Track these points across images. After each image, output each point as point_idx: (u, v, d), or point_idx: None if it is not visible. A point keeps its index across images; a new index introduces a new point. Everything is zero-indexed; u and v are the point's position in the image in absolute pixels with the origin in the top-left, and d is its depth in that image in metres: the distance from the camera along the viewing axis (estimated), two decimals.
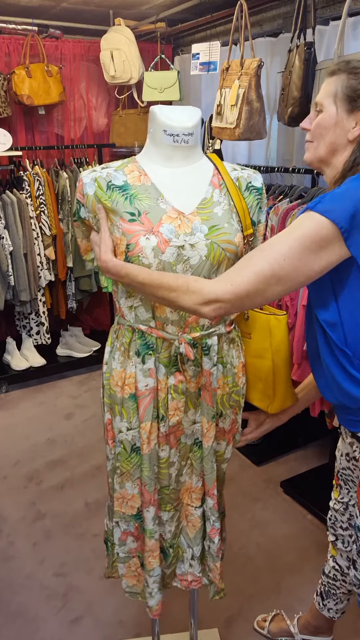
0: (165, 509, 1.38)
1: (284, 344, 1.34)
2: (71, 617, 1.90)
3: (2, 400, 3.39)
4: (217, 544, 1.41)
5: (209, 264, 1.20)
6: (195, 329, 1.24)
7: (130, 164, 1.27)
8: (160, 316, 1.23)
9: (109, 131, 3.72)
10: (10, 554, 2.16)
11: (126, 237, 1.18)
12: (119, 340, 1.31)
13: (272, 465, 2.71)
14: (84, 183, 1.24)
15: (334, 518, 1.52)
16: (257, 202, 1.31)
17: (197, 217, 1.20)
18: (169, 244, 1.17)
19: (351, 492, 1.43)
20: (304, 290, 2.22)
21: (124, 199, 1.21)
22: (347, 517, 1.48)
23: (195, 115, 1.27)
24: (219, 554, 1.43)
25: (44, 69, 3.21)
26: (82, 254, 1.42)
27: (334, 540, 1.54)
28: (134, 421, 1.30)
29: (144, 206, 1.20)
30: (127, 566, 1.46)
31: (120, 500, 1.39)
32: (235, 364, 1.34)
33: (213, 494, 1.36)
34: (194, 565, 1.45)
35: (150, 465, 1.30)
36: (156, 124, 1.25)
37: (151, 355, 1.25)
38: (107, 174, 1.24)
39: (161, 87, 3.28)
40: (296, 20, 2.19)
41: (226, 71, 2.49)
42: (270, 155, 3.10)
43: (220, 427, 1.36)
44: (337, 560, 1.58)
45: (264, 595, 1.97)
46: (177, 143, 1.24)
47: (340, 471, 1.45)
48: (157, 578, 1.40)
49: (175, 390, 1.25)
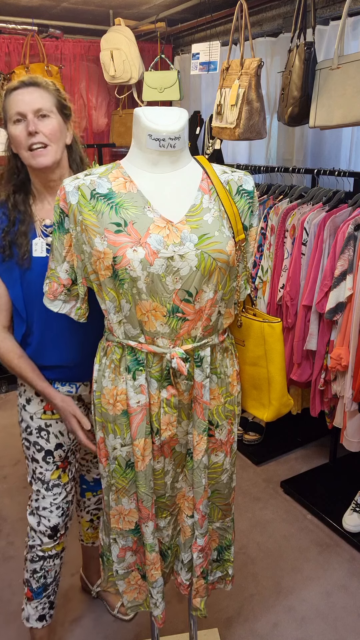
0: (162, 516, 1.36)
1: (278, 354, 1.31)
2: (71, 617, 1.90)
3: (2, 400, 3.39)
4: (199, 561, 1.37)
5: (199, 275, 1.14)
6: (187, 341, 1.19)
7: (114, 170, 1.21)
8: (149, 330, 1.17)
9: (109, 131, 3.71)
10: (10, 554, 2.16)
11: (112, 249, 1.12)
12: (108, 357, 1.26)
13: (272, 465, 2.71)
14: (67, 191, 1.17)
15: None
16: (248, 206, 1.26)
17: (186, 225, 1.14)
18: (157, 256, 1.11)
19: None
20: (304, 290, 2.22)
21: (109, 208, 1.15)
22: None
23: (182, 118, 1.19)
24: (197, 570, 1.38)
25: (44, 68, 3.21)
26: (49, 294, 1.28)
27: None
28: (128, 437, 1.26)
29: (130, 215, 1.14)
30: (127, 581, 1.44)
31: (117, 517, 1.35)
32: (229, 373, 1.31)
33: (199, 508, 1.32)
34: (182, 570, 1.43)
35: (146, 481, 1.27)
36: (140, 128, 1.18)
37: (142, 372, 1.20)
38: (91, 181, 1.18)
39: (161, 87, 3.28)
40: (296, 20, 2.19)
41: (226, 71, 2.49)
42: (270, 155, 3.10)
43: (217, 439, 1.32)
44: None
45: (264, 595, 1.97)
46: (163, 148, 1.17)
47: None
48: (161, 588, 1.38)
49: (168, 404, 1.21)
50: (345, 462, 2.65)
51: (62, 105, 1.39)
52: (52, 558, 1.61)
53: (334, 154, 2.73)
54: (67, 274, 1.26)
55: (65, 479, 1.58)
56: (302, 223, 2.22)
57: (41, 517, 1.57)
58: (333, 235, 2.13)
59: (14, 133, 1.34)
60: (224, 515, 1.43)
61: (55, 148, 1.36)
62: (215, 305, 1.20)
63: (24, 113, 1.32)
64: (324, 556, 2.14)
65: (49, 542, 1.58)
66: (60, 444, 1.56)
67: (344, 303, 2.07)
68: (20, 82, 1.34)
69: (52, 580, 1.64)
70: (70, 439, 1.58)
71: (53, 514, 1.56)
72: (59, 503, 1.57)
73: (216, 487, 1.37)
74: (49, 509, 1.56)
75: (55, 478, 1.56)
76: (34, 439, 1.55)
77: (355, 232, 2.03)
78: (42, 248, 1.42)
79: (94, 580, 1.96)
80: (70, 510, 1.62)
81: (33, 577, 1.62)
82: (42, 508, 1.56)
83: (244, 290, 1.32)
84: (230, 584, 1.51)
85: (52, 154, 1.35)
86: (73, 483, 1.62)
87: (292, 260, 2.28)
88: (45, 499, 1.56)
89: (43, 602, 1.65)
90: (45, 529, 1.57)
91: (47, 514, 1.56)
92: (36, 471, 1.56)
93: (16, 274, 1.42)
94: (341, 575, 2.05)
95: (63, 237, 1.22)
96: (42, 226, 1.43)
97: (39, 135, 1.32)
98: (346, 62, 2.00)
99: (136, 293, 1.14)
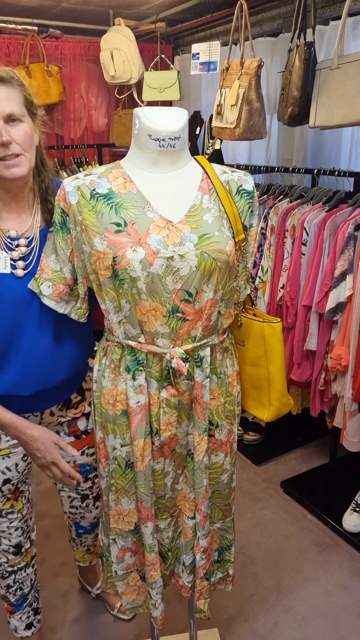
0: (162, 517, 1.36)
1: (278, 354, 1.30)
2: (71, 617, 1.90)
3: None
4: (201, 562, 1.37)
5: (199, 275, 1.14)
6: (187, 341, 1.19)
7: (114, 170, 1.20)
8: (149, 330, 1.17)
9: (109, 131, 3.72)
10: None
11: (112, 249, 1.12)
12: (108, 357, 1.26)
13: (272, 465, 2.71)
14: (67, 192, 1.17)
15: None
16: (248, 206, 1.26)
17: (186, 225, 1.14)
18: (157, 256, 1.11)
19: None
20: (304, 290, 2.22)
21: (109, 208, 1.15)
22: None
23: (181, 118, 1.19)
24: (200, 572, 1.38)
25: (44, 68, 3.21)
26: (54, 297, 1.25)
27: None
28: (128, 437, 1.26)
29: (130, 215, 1.13)
30: (126, 582, 1.43)
31: (116, 517, 1.35)
32: (229, 373, 1.31)
33: (201, 509, 1.32)
34: (184, 572, 1.42)
35: (146, 482, 1.27)
36: (140, 128, 1.17)
37: (142, 372, 1.20)
38: (91, 181, 1.18)
39: (161, 87, 3.28)
40: (296, 20, 2.19)
41: (226, 71, 2.49)
42: (270, 155, 3.10)
43: (217, 439, 1.32)
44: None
45: (264, 595, 1.97)
46: (163, 148, 1.17)
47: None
48: (160, 589, 1.38)
49: (168, 405, 1.21)
50: (345, 462, 2.65)
51: (29, 102, 1.24)
52: (23, 569, 1.59)
53: (334, 154, 2.73)
54: (71, 273, 1.26)
55: (19, 505, 1.50)
56: (302, 223, 2.22)
57: (1, 537, 1.52)
58: (333, 235, 2.13)
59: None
60: (225, 515, 1.43)
61: (30, 156, 1.23)
62: (215, 305, 1.20)
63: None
64: (324, 556, 2.14)
65: (15, 558, 1.56)
66: (7, 479, 1.44)
67: (344, 303, 2.07)
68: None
69: (29, 589, 1.61)
70: (19, 472, 1.46)
71: (13, 535, 1.52)
72: (16, 525, 1.52)
73: (216, 487, 1.37)
74: (8, 531, 1.51)
75: (7, 507, 1.48)
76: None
77: (355, 232, 2.03)
78: (5, 263, 1.27)
79: (93, 583, 1.96)
80: (30, 525, 1.57)
81: (9, 592, 1.60)
82: (1, 531, 1.51)
83: (244, 290, 1.32)
84: (231, 584, 1.51)
85: (26, 163, 1.22)
86: (29, 504, 1.55)
87: (292, 260, 2.29)
88: (2, 524, 1.50)
89: (26, 611, 1.63)
90: (8, 547, 1.54)
91: (7, 535, 1.52)
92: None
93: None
94: (341, 575, 2.05)
95: (67, 237, 1.22)
96: (6, 238, 1.28)
97: (12, 145, 1.18)
98: (346, 62, 2.00)
99: (136, 293, 1.14)
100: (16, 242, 1.28)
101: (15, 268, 1.27)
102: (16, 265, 1.27)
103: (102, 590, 1.51)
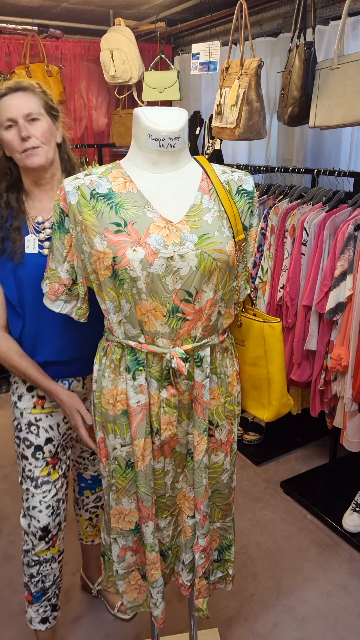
0: (162, 516, 1.36)
1: (278, 354, 1.30)
2: (71, 617, 1.90)
3: (2, 400, 3.39)
4: (200, 561, 1.37)
5: (199, 275, 1.14)
6: (187, 341, 1.19)
7: (114, 170, 1.21)
8: (149, 330, 1.17)
9: (109, 131, 3.72)
10: (11, 553, 2.16)
11: (112, 249, 1.12)
12: (108, 357, 1.26)
13: (272, 465, 2.71)
14: (67, 192, 1.18)
15: None
16: (248, 206, 1.26)
17: (186, 225, 1.15)
18: (157, 256, 1.11)
19: None
20: (304, 291, 2.22)
21: (109, 208, 1.15)
22: None
23: (181, 118, 1.19)
24: (199, 571, 1.38)
25: (44, 68, 3.21)
26: (50, 295, 1.30)
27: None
28: (128, 437, 1.26)
29: (130, 215, 1.14)
30: (127, 581, 1.44)
31: (117, 517, 1.36)
32: (229, 373, 1.31)
33: (200, 508, 1.32)
34: (183, 571, 1.43)
35: (146, 481, 1.27)
36: (140, 128, 1.18)
37: (142, 371, 1.20)
38: (91, 181, 1.18)
39: (161, 87, 3.28)
40: (296, 20, 2.19)
41: (226, 71, 2.49)
42: (270, 155, 3.11)
43: (216, 439, 1.32)
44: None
45: (264, 595, 1.97)
46: (163, 148, 1.17)
47: None
48: (161, 588, 1.38)
49: (168, 404, 1.21)
50: (345, 462, 2.65)
51: (50, 106, 1.45)
52: (49, 562, 1.60)
53: (334, 154, 2.73)
54: (68, 273, 1.26)
55: (55, 475, 1.57)
56: (302, 223, 2.22)
57: (31, 517, 1.56)
58: (333, 236, 2.14)
59: (7, 138, 1.40)
60: (225, 515, 1.43)
61: (47, 148, 1.42)
62: (215, 305, 1.20)
63: (14, 119, 1.38)
64: (324, 556, 2.14)
65: (41, 545, 1.57)
66: (49, 439, 1.56)
67: (344, 303, 2.07)
68: (7, 88, 1.39)
69: (51, 584, 1.63)
70: (60, 433, 1.59)
71: (42, 514, 1.55)
72: (48, 501, 1.55)
73: (216, 487, 1.37)
74: (38, 507, 1.55)
75: (44, 475, 1.55)
76: (23, 435, 1.56)
77: (355, 232, 2.03)
78: (34, 245, 1.46)
79: (95, 578, 1.96)
80: (62, 510, 1.60)
81: (31, 581, 1.61)
82: (32, 507, 1.55)
83: (244, 290, 1.32)
84: (231, 584, 1.52)
85: (44, 154, 1.41)
86: (64, 480, 1.61)
87: (292, 260, 2.29)
88: (35, 497, 1.55)
89: (44, 605, 1.64)
90: (36, 530, 1.55)
91: (37, 513, 1.55)
92: (25, 469, 1.56)
93: (8, 268, 1.45)
94: (341, 576, 2.05)
95: (64, 237, 1.23)
96: (35, 223, 1.47)
97: (32, 139, 1.39)
98: (346, 62, 2.00)
99: (136, 293, 1.14)
100: (42, 225, 1.47)
101: (42, 248, 1.46)
102: (43, 245, 1.46)
103: (103, 589, 1.51)
